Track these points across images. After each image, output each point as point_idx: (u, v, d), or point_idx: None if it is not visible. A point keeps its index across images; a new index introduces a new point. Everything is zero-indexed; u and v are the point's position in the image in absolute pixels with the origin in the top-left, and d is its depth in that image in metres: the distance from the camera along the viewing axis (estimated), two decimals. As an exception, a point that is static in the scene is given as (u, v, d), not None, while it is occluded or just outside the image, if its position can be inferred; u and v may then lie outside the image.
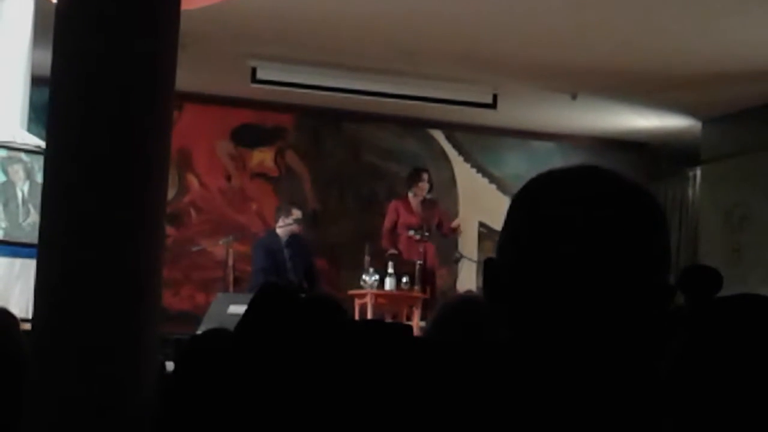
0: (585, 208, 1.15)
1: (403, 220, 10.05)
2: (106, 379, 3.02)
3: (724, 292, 2.08)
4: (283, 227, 9.56)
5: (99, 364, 3.02)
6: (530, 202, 1.19)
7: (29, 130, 7.42)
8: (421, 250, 9.80)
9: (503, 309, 1.16)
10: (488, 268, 1.20)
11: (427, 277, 9.85)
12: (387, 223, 10.17)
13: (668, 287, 1.16)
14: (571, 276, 1.12)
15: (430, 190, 10.20)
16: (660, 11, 7.92)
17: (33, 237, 3.47)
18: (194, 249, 10.72)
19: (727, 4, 7.70)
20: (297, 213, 9.73)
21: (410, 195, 10.19)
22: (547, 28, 8.39)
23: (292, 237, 9.59)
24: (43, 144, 4.68)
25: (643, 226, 1.15)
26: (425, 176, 10.20)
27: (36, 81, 7.33)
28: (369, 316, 9.22)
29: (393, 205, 10.29)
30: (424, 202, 10.15)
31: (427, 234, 9.95)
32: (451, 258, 11.29)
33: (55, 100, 3.16)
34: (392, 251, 9.90)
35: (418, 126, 11.94)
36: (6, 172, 7.11)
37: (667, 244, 1.17)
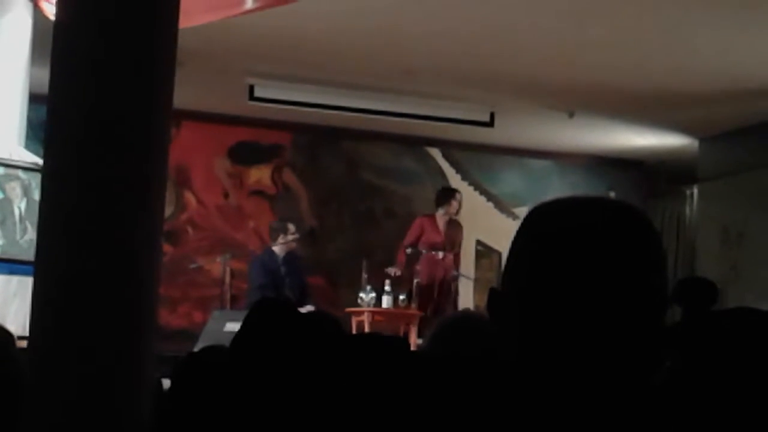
0: (588, 238, 1.17)
1: (426, 237, 9.96)
2: (103, 397, 3.02)
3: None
4: (282, 244, 9.53)
5: (96, 381, 3.02)
6: (535, 231, 1.21)
7: (27, 147, 7.42)
8: (436, 270, 9.71)
9: (511, 336, 1.18)
10: (493, 297, 1.22)
11: (443, 296, 9.78)
12: (408, 238, 10.12)
13: (665, 309, 1.18)
14: (575, 303, 1.15)
15: (458, 212, 10.15)
16: (657, 30, 7.95)
17: (30, 254, 3.47)
18: (191, 266, 10.71)
19: (724, 23, 7.72)
20: (292, 228, 9.69)
21: (439, 213, 10.12)
22: (545, 47, 8.42)
23: (289, 254, 9.57)
24: (40, 161, 4.68)
25: (642, 253, 1.18)
26: (458, 196, 10.14)
27: (34, 98, 7.34)
28: (366, 333, 9.21)
29: (418, 221, 10.20)
30: (450, 222, 10.07)
31: (448, 254, 9.88)
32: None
33: (53, 118, 3.16)
34: (392, 269, 9.86)
35: (416, 144, 11.95)
36: (3, 190, 7.11)
37: (664, 269, 1.21)
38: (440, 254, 9.86)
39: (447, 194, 10.25)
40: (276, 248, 9.54)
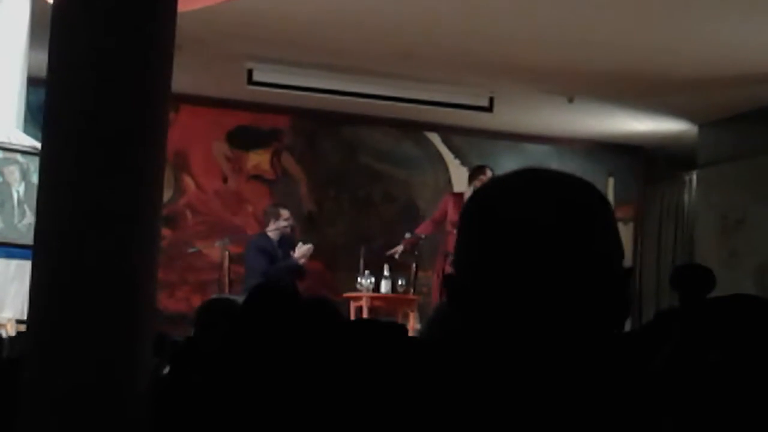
0: (529, 211, 1.17)
1: (450, 216, 9.79)
2: (101, 381, 3.02)
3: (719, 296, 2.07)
4: (275, 231, 9.48)
5: (94, 365, 3.02)
6: (477, 212, 1.22)
7: (25, 131, 7.42)
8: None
9: (468, 317, 1.18)
10: (448, 283, 1.23)
11: None
12: (433, 216, 10.01)
13: (622, 274, 1.19)
14: (525, 278, 1.15)
15: None
16: (657, 15, 7.93)
17: (28, 238, 3.47)
18: (190, 251, 10.71)
19: (724, 7, 7.71)
20: (285, 213, 9.61)
21: (467, 191, 9.87)
22: (544, 31, 8.40)
23: (283, 237, 9.55)
24: (38, 145, 4.68)
25: (588, 219, 1.19)
26: (489, 172, 9.78)
27: (32, 82, 7.32)
28: (364, 318, 9.21)
29: (445, 199, 10.03)
30: None
31: None
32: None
33: (51, 101, 3.16)
34: (391, 252, 9.81)
35: (415, 128, 11.93)
36: (1, 173, 7.10)
37: (613, 232, 1.21)
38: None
39: (476, 171, 10.04)
40: (271, 234, 9.50)
